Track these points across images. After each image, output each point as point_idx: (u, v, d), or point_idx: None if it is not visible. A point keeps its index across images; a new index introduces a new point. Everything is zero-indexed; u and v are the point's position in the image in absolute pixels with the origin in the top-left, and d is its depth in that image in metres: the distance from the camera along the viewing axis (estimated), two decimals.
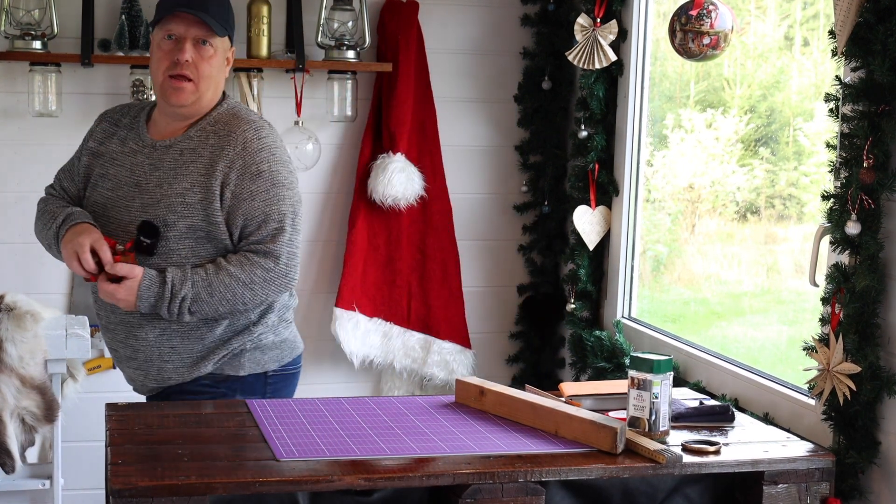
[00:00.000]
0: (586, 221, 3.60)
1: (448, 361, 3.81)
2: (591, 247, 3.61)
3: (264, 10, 3.53)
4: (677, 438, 2.41)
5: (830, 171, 2.47)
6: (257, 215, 2.61)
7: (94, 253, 2.55)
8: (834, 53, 2.40)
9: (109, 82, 3.56)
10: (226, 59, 2.70)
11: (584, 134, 3.61)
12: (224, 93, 2.74)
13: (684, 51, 2.87)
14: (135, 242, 2.57)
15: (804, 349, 2.49)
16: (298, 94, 3.60)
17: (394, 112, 3.68)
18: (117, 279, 2.54)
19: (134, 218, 2.61)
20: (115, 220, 2.64)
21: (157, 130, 2.70)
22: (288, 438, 2.31)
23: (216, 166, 2.60)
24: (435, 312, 3.83)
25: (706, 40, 2.82)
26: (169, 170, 2.62)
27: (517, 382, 3.89)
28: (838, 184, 2.43)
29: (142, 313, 2.61)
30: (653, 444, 2.29)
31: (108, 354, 3.55)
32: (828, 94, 2.45)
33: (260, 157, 2.62)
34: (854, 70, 2.39)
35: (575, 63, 3.46)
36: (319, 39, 3.62)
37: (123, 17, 3.44)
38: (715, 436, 2.46)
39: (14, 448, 3.34)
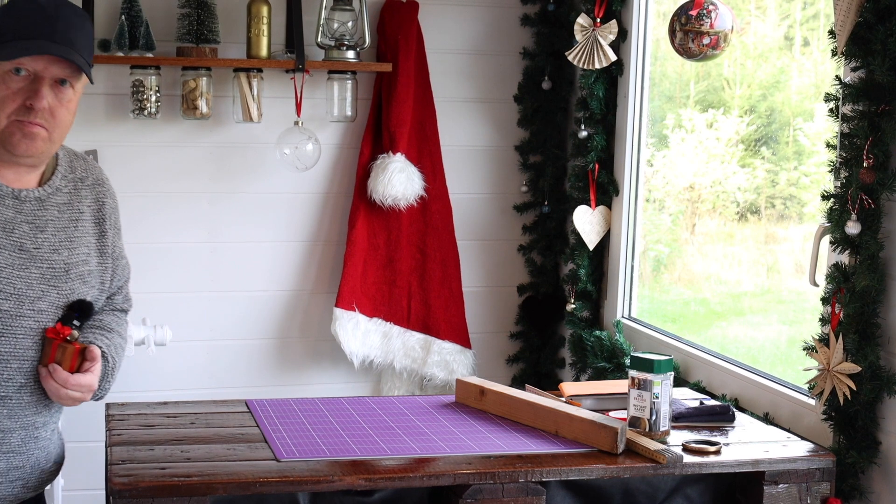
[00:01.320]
0: (586, 221, 3.60)
1: (448, 361, 3.81)
2: (591, 247, 3.61)
3: (264, 10, 3.54)
4: (678, 438, 2.41)
5: (830, 171, 2.47)
6: (126, 274, 2.36)
7: None
8: (834, 53, 2.40)
9: (109, 82, 3.56)
10: (77, 101, 2.16)
11: (584, 134, 3.61)
12: None
13: (684, 51, 2.87)
14: (64, 324, 2.13)
15: (804, 349, 2.49)
16: (298, 94, 3.60)
17: (394, 112, 3.68)
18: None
19: (39, 293, 2.10)
20: None
21: (4, 176, 2.14)
22: (288, 438, 2.31)
23: (104, 226, 2.25)
24: (435, 312, 3.83)
25: (706, 40, 2.82)
26: (56, 231, 2.16)
27: (517, 382, 3.89)
28: (838, 184, 2.43)
29: (45, 408, 2.19)
30: (653, 444, 2.29)
31: None
32: (828, 94, 2.45)
33: (118, 208, 2.34)
34: (854, 70, 2.39)
35: (575, 63, 3.46)
36: (319, 39, 3.62)
37: (123, 17, 3.44)
38: (715, 436, 2.46)
39: None
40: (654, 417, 2.37)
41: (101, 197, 2.26)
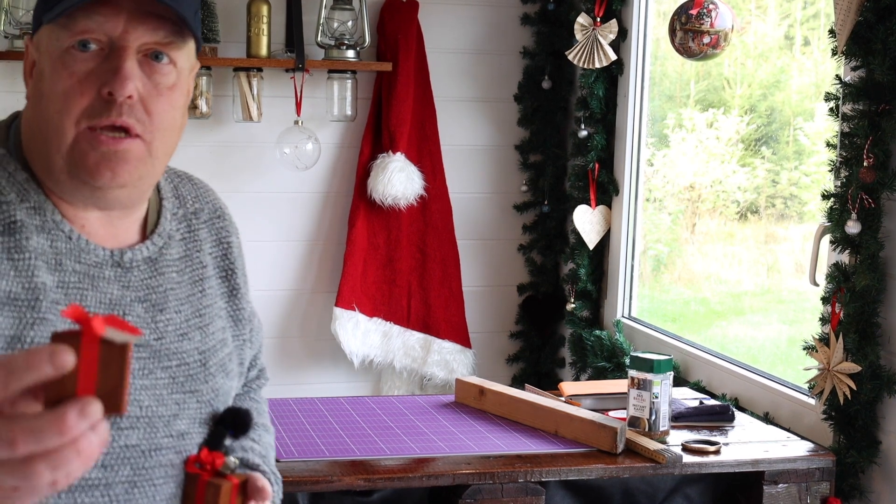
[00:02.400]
0: (586, 221, 3.60)
1: (448, 361, 3.81)
2: (591, 246, 3.61)
3: (264, 9, 3.53)
4: (677, 438, 2.41)
5: (831, 171, 2.47)
6: (261, 338, 1.64)
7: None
8: (834, 53, 2.40)
9: None
10: (188, 89, 1.42)
11: (584, 133, 3.60)
12: None
13: (684, 50, 2.87)
14: (214, 442, 1.41)
15: (804, 349, 2.49)
16: (298, 94, 3.59)
17: (394, 112, 3.68)
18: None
19: (174, 409, 1.37)
20: None
21: (89, 228, 1.37)
22: (288, 438, 2.31)
23: (235, 280, 1.54)
24: (435, 312, 3.83)
25: (706, 39, 2.82)
26: (180, 305, 1.42)
27: (517, 382, 3.89)
28: (838, 183, 2.43)
29: None
30: (653, 444, 2.28)
31: None
32: (828, 93, 2.45)
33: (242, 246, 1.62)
34: (854, 69, 2.39)
35: (575, 62, 3.45)
36: (319, 39, 3.62)
37: None
38: (715, 435, 2.46)
39: None
40: (653, 417, 2.37)
41: (224, 237, 1.57)
